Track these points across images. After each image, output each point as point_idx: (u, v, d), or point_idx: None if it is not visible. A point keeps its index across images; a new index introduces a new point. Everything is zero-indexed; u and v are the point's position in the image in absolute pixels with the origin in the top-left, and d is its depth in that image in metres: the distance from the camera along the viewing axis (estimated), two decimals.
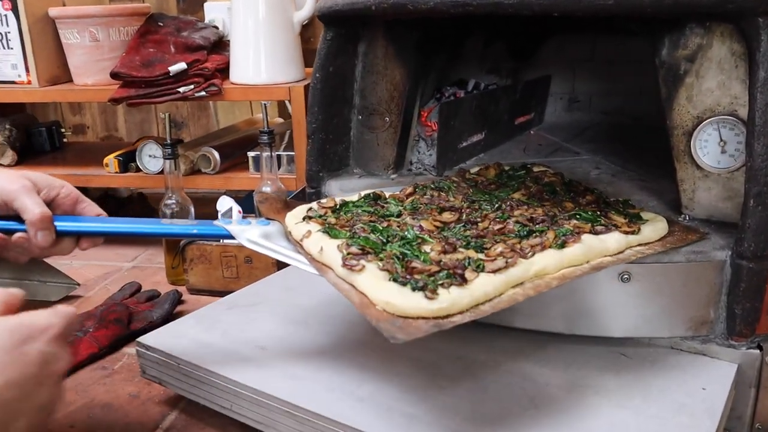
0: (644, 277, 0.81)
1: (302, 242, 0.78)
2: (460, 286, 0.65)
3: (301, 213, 0.85)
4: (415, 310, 0.62)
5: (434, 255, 0.70)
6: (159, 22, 1.49)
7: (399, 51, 1.08)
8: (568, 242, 0.74)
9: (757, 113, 0.75)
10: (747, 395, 0.82)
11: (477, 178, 1.05)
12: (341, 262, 0.70)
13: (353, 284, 0.68)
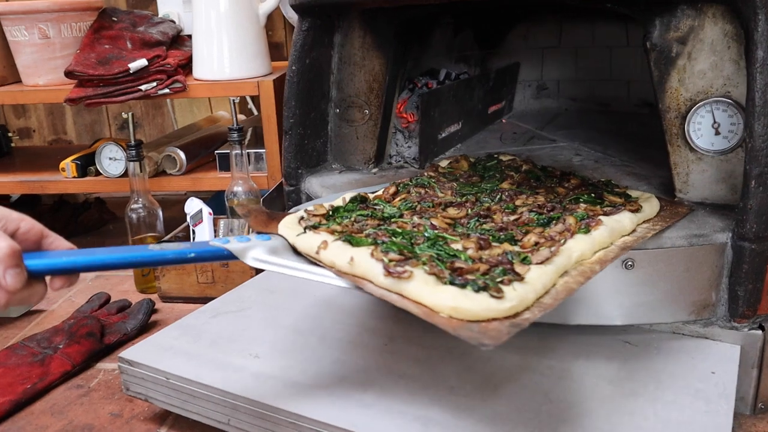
0: (647, 263, 0.80)
1: (319, 254, 0.70)
2: (520, 282, 0.62)
3: (293, 222, 0.76)
4: (486, 312, 0.58)
5: (472, 252, 0.67)
6: (113, 17, 1.41)
7: (377, 41, 1.05)
8: (591, 226, 0.73)
9: (757, 94, 0.74)
10: (750, 376, 0.82)
11: (454, 171, 1.02)
12: (383, 271, 0.63)
13: (401, 293, 0.62)
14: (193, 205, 1.31)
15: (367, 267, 0.65)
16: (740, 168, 0.83)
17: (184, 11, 1.66)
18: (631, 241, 0.75)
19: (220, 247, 0.68)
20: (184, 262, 0.66)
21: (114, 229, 1.66)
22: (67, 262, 0.63)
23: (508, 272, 0.63)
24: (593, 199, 0.85)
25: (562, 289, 0.64)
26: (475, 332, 0.56)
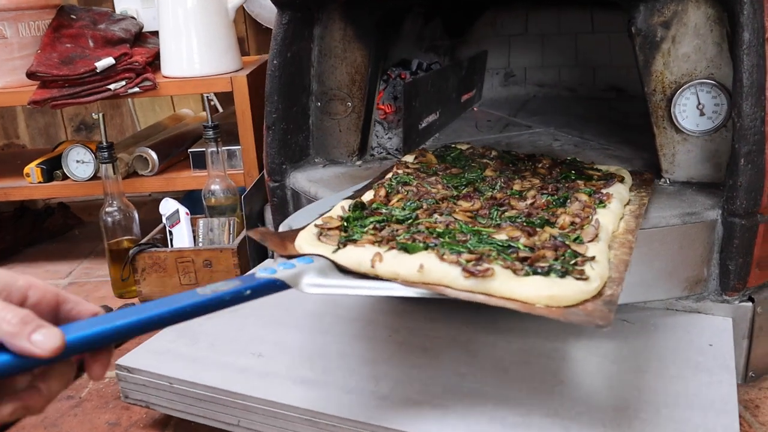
0: (643, 242, 0.82)
1: (375, 267, 0.65)
2: (593, 261, 0.63)
3: (313, 239, 0.71)
4: (580, 295, 0.59)
5: (525, 241, 0.67)
6: (71, 14, 1.36)
7: (359, 32, 1.04)
8: (605, 199, 0.76)
9: (744, 75, 0.77)
10: (741, 346, 0.86)
11: (429, 165, 0.99)
12: (463, 273, 0.61)
13: (487, 292, 0.61)
14: (169, 206, 1.28)
15: (442, 271, 0.62)
16: (724, 147, 0.86)
17: (142, 7, 1.62)
18: (636, 209, 0.79)
19: (273, 278, 0.62)
20: (242, 300, 0.59)
21: (80, 234, 1.61)
22: (106, 330, 0.51)
23: (576, 254, 0.64)
24: (579, 175, 0.89)
25: (618, 262, 0.66)
26: (583, 316, 0.57)
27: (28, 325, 0.45)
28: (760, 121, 0.77)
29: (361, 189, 0.90)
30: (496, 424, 0.68)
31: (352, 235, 0.71)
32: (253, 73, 1.30)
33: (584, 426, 0.66)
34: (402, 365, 0.79)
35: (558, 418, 0.68)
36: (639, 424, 0.67)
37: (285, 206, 1.10)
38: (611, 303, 0.59)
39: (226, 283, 0.59)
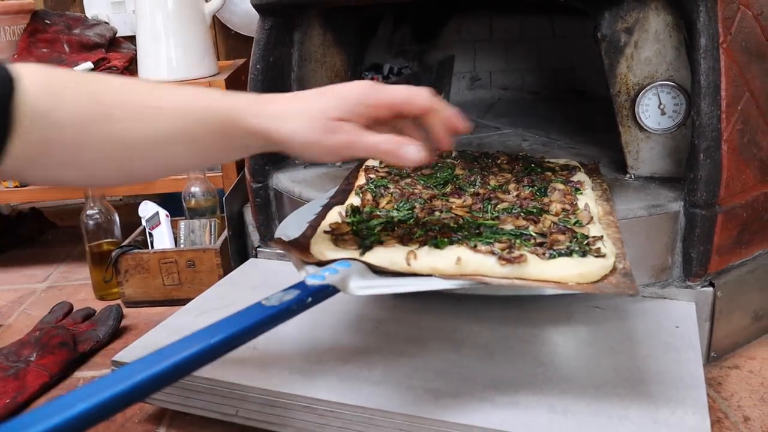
0: None
1: (410, 265, 0.67)
2: (602, 240, 0.70)
3: (329, 244, 0.73)
4: (603, 270, 0.65)
5: (533, 229, 0.73)
6: (46, 19, 1.37)
7: (338, 38, 1.08)
8: (579, 187, 0.83)
9: (702, 77, 0.84)
10: (703, 328, 0.92)
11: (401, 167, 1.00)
12: (499, 261, 0.65)
13: (522, 277, 0.65)
14: (148, 209, 1.29)
15: (479, 262, 0.66)
16: (684, 144, 0.93)
17: (113, 13, 1.63)
18: (601, 194, 0.88)
19: (326, 284, 0.63)
20: (304, 308, 0.61)
21: (53, 239, 1.60)
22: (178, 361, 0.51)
23: (584, 236, 0.70)
24: (541, 167, 0.96)
25: (614, 240, 0.73)
26: (614, 288, 0.64)
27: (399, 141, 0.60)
28: (716, 119, 0.84)
29: (336, 195, 0.93)
30: (486, 404, 0.73)
31: (369, 237, 0.73)
32: (230, 78, 1.33)
33: (567, 403, 0.72)
34: (391, 353, 0.83)
35: (543, 397, 0.73)
36: (617, 399, 0.72)
37: (268, 206, 1.13)
38: (628, 275, 0.66)
39: (285, 292, 0.62)
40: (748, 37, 0.88)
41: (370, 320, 0.92)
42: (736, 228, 0.91)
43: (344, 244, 0.72)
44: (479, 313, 0.91)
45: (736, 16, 0.86)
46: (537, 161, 1.01)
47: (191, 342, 0.54)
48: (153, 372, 0.50)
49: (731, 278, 0.92)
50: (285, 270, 0.76)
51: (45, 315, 1.15)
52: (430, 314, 0.92)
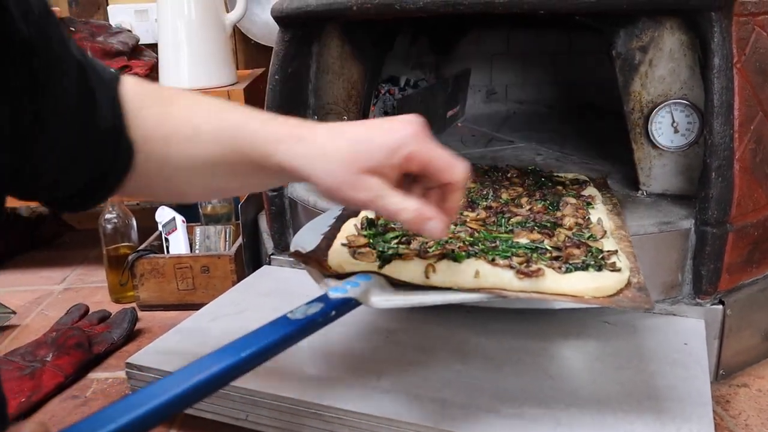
0: None
1: (429, 279, 0.68)
2: (616, 255, 0.71)
3: (348, 257, 0.73)
4: (618, 284, 0.66)
5: (549, 243, 0.74)
6: (70, 27, 1.40)
7: (357, 50, 1.10)
8: (590, 201, 0.84)
9: (715, 96, 0.84)
10: (712, 346, 0.92)
11: None
12: (517, 276, 0.66)
13: (539, 290, 0.66)
14: (165, 214, 1.32)
15: (497, 276, 0.66)
16: (696, 162, 0.93)
17: (136, 21, 1.66)
18: (612, 208, 0.88)
19: (348, 297, 0.64)
20: (329, 321, 0.62)
21: (71, 242, 1.63)
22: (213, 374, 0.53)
23: (599, 251, 0.71)
24: (552, 181, 0.97)
25: (627, 254, 0.73)
26: (629, 302, 0.64)
27: (424, 214, 0.57)
28: (729, 138, 0.85)
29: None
30: (492, 415, 0.73)
31: (386, 251, 0.73)
32: (248, 87, 1.35)
33: (573, 417, 0.72)
34: (401, 363, 0.84)
35: (549, 410, 0.74)
36: (622, 414, 0.73)
37: (283, 215, 1.15)
38: (643, 289, 0.67)
39: (309, 306, 0.63)
40: (762, 58, 0.88)
41: (382, 330, 0.93)
42: (747, 247, 0.91)
43: (362, 256, 0.73)
44: (489, 326, 0.92)
45: (750, 37, 0.87)
46: (547, 175, 1.02)
47: (220, 357, 0.54)
48: (183, 389, 0.51)
49: (741, 297, 0.92)
50: (297, 278, 0.78)
51: (61, 316, 1.17)
52: (440, 325, 0.93)
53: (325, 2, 0.93)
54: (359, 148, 0.58)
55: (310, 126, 0.61)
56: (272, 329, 0.59)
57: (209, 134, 0.61)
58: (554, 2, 0.79)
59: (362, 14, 0.90)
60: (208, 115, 0.62)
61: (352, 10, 0.89)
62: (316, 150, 0.59)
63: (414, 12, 0.85)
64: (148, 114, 0.60)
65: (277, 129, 0.60)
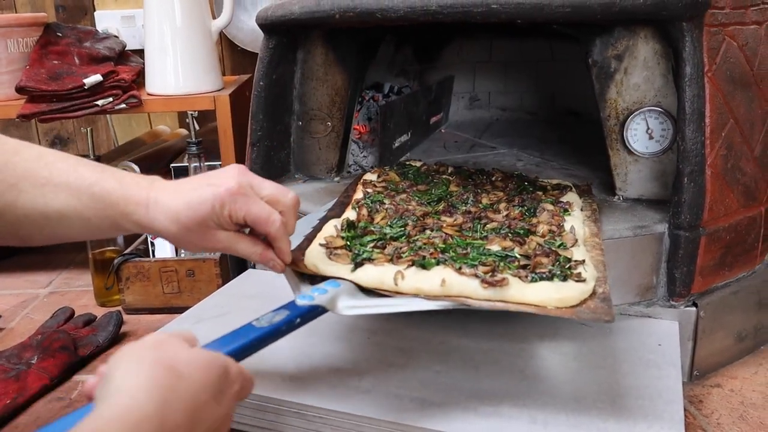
0: None
1: (398, 285, 0.71)
2: (583, 264, 0.72)
3: (324, 257, 0.76)
4: (582, 295, 0.68)
5: (519, 251, 0.75)
6: (58, 32, 1.41)
7: (340, 57, 1.12)
8: (567, 207, 0.85)
9: (687, 103, 0.87)
10: (686, 347, 0.95)
11: (396, 183, 1.04)
12: (482, 284, 0.68)
13: (503, 299, 0.68)
14: None
15: (462, 284, 0.69)
16: (671, 168, 0.96)
17: (123, 26, 1.67)
18: (591, 214, 0.90)
19: (314, 305, 0.67)
20: (294, 328, 0.66)
21: (56, 246, 1.63)
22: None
23: (567, 259, 0.72)
24: (534, 186, 0.98)
25: (596, 263, 0.75)
26: (591, 314, 0.65)
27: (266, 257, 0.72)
28: (700, 145, 0.87)
29: (334, 207, 0.97)
30: (469, 413, 0.75)
31: (361, 254, 0.76)
32: (234, 93, 1.37)
33: (549, 414, 0.74)
34: (381, 363, 0.86)
35: (525, 408, 0.75)
36: (596, 412, 0.75)
37: None
38: (607, 300, 0.68)
39: (275, 313, 0.65)
40: (733, 67, 0.91)
41: (363, 331, 0.95)
42: (720, 250, 0.94)
43: (337, 258, 0.75)
44: (467, 327, 0.94)
45: (721, 47, 0.89)
46: (530, 180, 1.04)
47: None
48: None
49: (714, 299, 0.95)
50: (281, 281, 0.79)
51: (47, 319, 1.18)
52: (420, 327, 0.95)
53: (308, 10, 0.95)
54: (191, 209, 0.67)
55: (157, 187, 0.69)
56: (237, 336, 0.62)
57: (64, 186, 0.67)
58: (530, 12, 0.81)
59: (345, 22, 0.92)
60: (62, 167, 0.68)
61: (335, 18, 0.91)
62: (164, 214, 0.67)
63: (395, 21, 0.87)
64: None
65: (133, 191, 0.68)
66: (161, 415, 0.47)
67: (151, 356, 0.51)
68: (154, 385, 0.48)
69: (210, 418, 0.52)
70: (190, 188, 0.68)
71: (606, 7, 0.82)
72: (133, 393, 0.47)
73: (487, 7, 0.83)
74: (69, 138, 1.94)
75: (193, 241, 0.70)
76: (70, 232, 0.70)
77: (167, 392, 0.49)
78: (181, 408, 0.49)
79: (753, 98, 0.95)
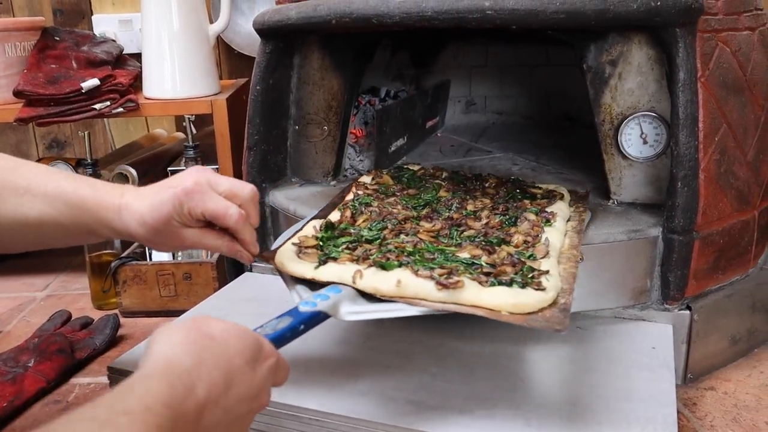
0: (595, 256, 0.92)
1: (355, 283, 0.72)
2: (547, 275, 0.71)
3: (293, 256, 0.78)
4: (539, 303, 0.67)
5: (486, 258, 0.75)
6: (55, 36, 1.41)
7: (337, 62, 1.12)
8: (550, 218, 0.85)
9: (680, 108, 0.88)
10: (680, 350, 0.95)
11: (388, 187, 1.05)
12: (436, 286, 0.68)
13: (458, 302, 0.68)
14: None
15: (417, 286, 0.69)
16: (665, 172, 0.97)
17: (120, 30, 1.68)
18: (577, 225, 0.89)
19: (317, 311, 0.68)
20: (298, 335, 0.67)
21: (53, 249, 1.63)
22: None
23: (532, 269, 0.72)
24: (524, 194, 0.98)
25: (567, 275, 0.74)
26: (543, 322, 0.65)
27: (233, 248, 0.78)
28: (693, 149, 0.88)
29: (325, 208, 0.97)
30: (465, 416, 0.76)
31: (330, 253, 0.77)
32: (231, 97, 1.38)
33: (543, 417, 0.75)
34: (378, 366, 0.87)
35: (520, 411, 0.76)
36: (590, 414, 0.75)
37: (264, 222, 1.17)
38: (565, 310, 0.67)
39: (279, 320, 0.66)
40: (725, 72, 0.92)
41: (360, 334, 0.95)
42: (713, 254, 0.95)
43: (306, 257, 0.77)
44: (464, 331, 0.94)
45: (714, 52, 0.90)
46: (522, 186, 1.04)
47: None
48: None
49: (708, 302, 0.96)
50: (278, 284, 0.80)
51: (44, 322, 1.18)
52: (416, 330, 0.95)
53: (305, 15, 0.96)
54: (155, 210, 0.72)
55: (127, 194, 0.73)
56: None
57: (41, 195, 0.70)
58: (525, 18, 0.82)
59: (341, 27, 0.92)
60: (38, 177, 0.71)
61: (332, 23, 0.92)
62: (133, 217, 0.72)
63: (391, 26, 0.88)
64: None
65: (106, 198, 0.72)
66: (198, 371, 0.51)
67: (187, 326, 0.56)
68: (192, 346, 0.53)
69: (244, 383, 0.54)
70: (153, 192, 0.73)
71: (600, 13, 0.83)
72: (173, 352, 0.52)
73: (482, 13, 0.83)
74: (66, 141, 1.94)
75: (163, 241, 0.75)
76: (48, 240, 0.74)
77: (203, 351, 0.53)
78: (217, 366, 0.52)
79: (746, 103, 0.96)
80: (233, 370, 0.54)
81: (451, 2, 0.84)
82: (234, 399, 0.53)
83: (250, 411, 0.56)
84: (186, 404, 0.48)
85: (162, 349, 0.52)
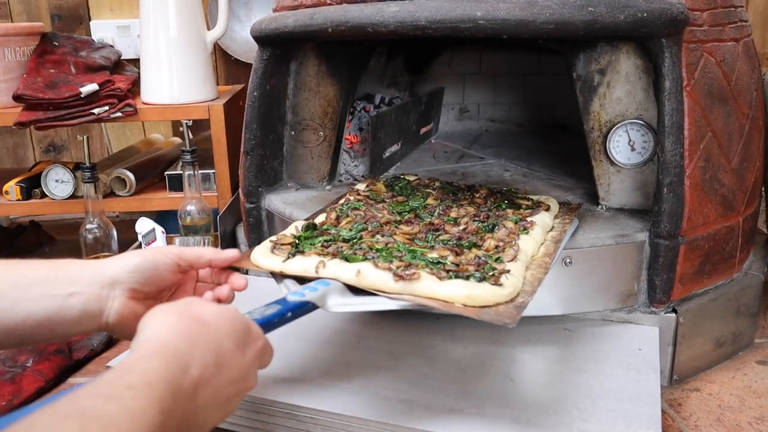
0: (583, 260, 0.94)
1: (318, 272, 0.75)
2: (508, 273, 0.73)
3: (268, 252, 0.81)
4: (494, 298, 0.68)
5: (452, 258, 0.77)
6: (54, 41, 1.43)
7: (333, 68, 1.15)
8: (528, 226, 0.86)
9: (666, 116, 0.90)
10: (666, 352, 0.98)
11: (378, 193, 1.07)
12: (393, 277, 0.70)
13: (413, 293, 0.70)
14: (145, 225, 1.35)
15: (375, 277, 0.72)
16: (652, 178, 0.99)
17: (118, 36, 1.70)
18: (557, 235, 0.90)
19: (305, 301, 0.70)
20: (285, 322, 0.68)
21: (51, 252, 1.65)
22: None
23: (493, 268, 0.74)
24: (510, 204, 0.99)
25: (533, 279, 0.76)
26: (494, 316, 0.66)
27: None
28: (679, 156, 0.91)
29: (316, 212, 1.00)
30: (455, 414, 0.78)
31: (303, 249, 0.80)
32: (227, 103, 1.40)
33: (531, 416, 0.77)
34: (370, 366, 0.88)
35: (509, 409, 0.78)
36: (577, 413, 0.77)
37: (260, 226, 1.19)
38: (520, 307, 0.68)
39: (267, 307, 0.68)
40: (711, 82, 0.95)
41: (353, 335, 0.97)
42: (698, 258, 0.97)
43: (279, 252, 0.81)
44: (455, 332, 0.96)
45: (699, 62, 0.93)
46: (512, 197, 1.04)
47: None
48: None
49: (694, 306, 0.98)
50: (273, 287, 0.82)
51: None
52: (409, 331, 0.97)
53: (302, 23, 0.98)
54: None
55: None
56: None
57: (41, 299, 0.67)
58: (515, 29, 0.85)
59: (337, 35, 0.95)
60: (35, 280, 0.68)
61: (328, 31, 0.94)
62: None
63: (386, 34, 0.90)
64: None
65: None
66: (191, 353, 0.52)
67: (179, 309, 0.57)
68: (183, 329, 0.54)
69: (235, 366, 0.57)
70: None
71: (588, 24, 0.85)
72: (165, 334, 0.53)
73: (474, 23, 0.86)
74: (63, 145, 1.95)
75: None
76: (34, 339, 0.71)
77: (195, 335, 0.54)
78: (208, 348, 0.54)
79: (730, 112, 0.98)
80: (224, 353, 0.56)
81: (444, 12, 0.87)
82: (225, 380, 0.55)
83: (238, 393, 0.58)
84: (183, 381, 0.50)
85: (154, 332, 0.54)
